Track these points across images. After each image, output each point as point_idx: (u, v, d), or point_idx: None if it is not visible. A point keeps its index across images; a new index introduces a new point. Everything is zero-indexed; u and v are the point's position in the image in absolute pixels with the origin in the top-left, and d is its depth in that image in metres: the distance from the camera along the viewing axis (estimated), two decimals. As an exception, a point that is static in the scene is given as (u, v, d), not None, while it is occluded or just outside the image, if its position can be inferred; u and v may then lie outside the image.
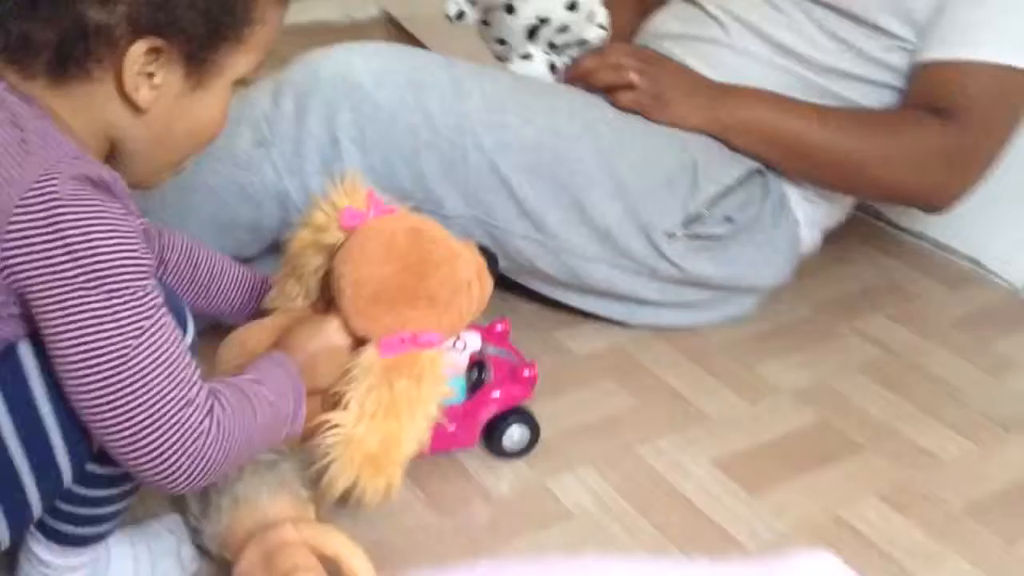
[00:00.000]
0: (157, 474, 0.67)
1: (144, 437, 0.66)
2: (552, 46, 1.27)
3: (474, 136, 1.11)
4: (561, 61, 1.29)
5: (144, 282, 0.67)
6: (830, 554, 0.27)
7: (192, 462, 0.68)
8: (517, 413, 1.04)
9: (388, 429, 0.81)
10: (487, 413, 1.03)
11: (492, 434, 1.04)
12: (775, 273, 1.31)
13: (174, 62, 0.69)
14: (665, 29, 1.37)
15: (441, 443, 0.99)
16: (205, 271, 0.97)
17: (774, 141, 1.24)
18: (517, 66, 1.27)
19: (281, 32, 0.76)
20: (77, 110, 0.69)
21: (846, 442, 1.12)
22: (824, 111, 1.24)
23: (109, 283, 0.65)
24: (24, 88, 0.68)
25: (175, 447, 0.67)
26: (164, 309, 0.68)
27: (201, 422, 0.67)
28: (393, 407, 0.81)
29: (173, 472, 0.67)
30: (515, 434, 1.05)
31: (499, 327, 1.10)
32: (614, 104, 1.23)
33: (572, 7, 1.23)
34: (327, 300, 0.89)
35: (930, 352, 1.31)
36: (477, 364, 1.02)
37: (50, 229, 0.63)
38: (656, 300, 1.27)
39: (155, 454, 0.66)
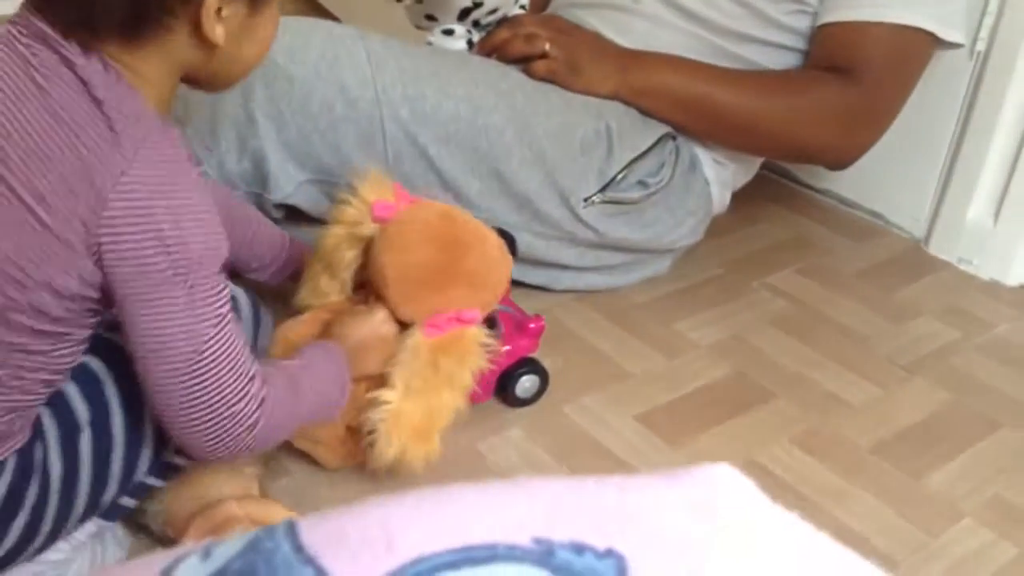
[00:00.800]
0: (205, 451, 0.73)
1: (202, 421, 0.70)
2: (476, 24, 1.29)
3: (391, 108, 1.12)
4: (478, 36, 1.31)
5: (221, 274, 0.70)
6: (727, 465, 0.30)
7: (238, 445, 0.73)
8: (527, 364, 1.09)
9: (431, 402, 0.86)
10: (500, 367, 1.07)
11: (505, 386, 1.08)
12: (689, 233, 1.36)
13: None
14: (576, -3, 1.40)
15: None
16: (241, 221, 0.99)
17: (683, 105, 1.27)
18: (437, 39, 1.28)
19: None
20: (151, 62, 0.69)
21: (759, 391, 1.18)
22: (730, 74, 1.28)
23: (193, 277, 0.67)
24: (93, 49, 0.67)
25: (227, 433, 0.71)
26: (230, 302, 0.71)
27: (253, 413, 0.72)
28: (436, 383, 0.86)
29: (219, 450, 0.73)
30: (527, 383, 1.09)
31: None
32: (528, 74, 1.25)
33: None
34: (366, 291, 0.93)
35: (837, 303, 1.37)
36: (488, 321, 1.05)
37: (144, 219, 0.65)
38: (576, 265, 1.31)
39: (208, 437, 0.71)
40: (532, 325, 1.09)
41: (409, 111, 1.13)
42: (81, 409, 0.75)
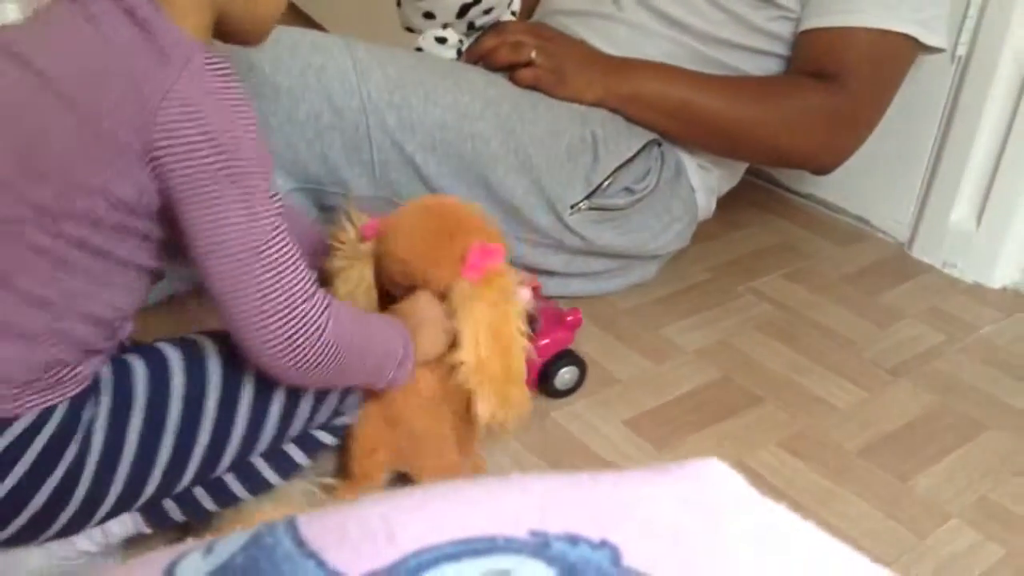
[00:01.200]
0: (277, 358, 0.74)
1: (272, 323, 0.72)
2: (471, 26, 1.30)
3: (377, 116, 1.13)
4: (467, 43, 1.31)
5: (270, 191, 0.73)
6: (716, 460, 0.32)
7: (310, 351, 0.74)
8: (566, 356, 1.13)
9: (502, 344, 0.90)
10: (540, 360, 1.10)
11: (545, 378, 1.12)
12: (675, 239, 1.37)
13: None
14: (561, 5, 1.41)
15: None
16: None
17: (668, 111, 1.28)
18: (428, 45, 1.29)
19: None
20: None
21: (746, 395, 1.18)
22: (715, 80, 1.29)
23: (248, 178, 0.70)
24: None
25: (298, 334, 0.73)
26: (283, 218, 0.74)
27: (320, 314, 0.74)
28: (497, 323, 0.90)
29: (291, 358, 0.74)
30: (566, 375, 1.13)
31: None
32: (515, 82, 1.26)
33: None
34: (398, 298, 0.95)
35: (822, 307, 1.39)
36: (527, 317, 1.07)
37: (196, 121, 0.68)
38: (564, 271, 1.31)
39: (279, 339, 0.73)
40: (569, 318, 1.13)
41: (396, 119, 1.13)
42: (141, 390, 0.77)
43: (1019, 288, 1.46)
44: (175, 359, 0.79)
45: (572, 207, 1.24)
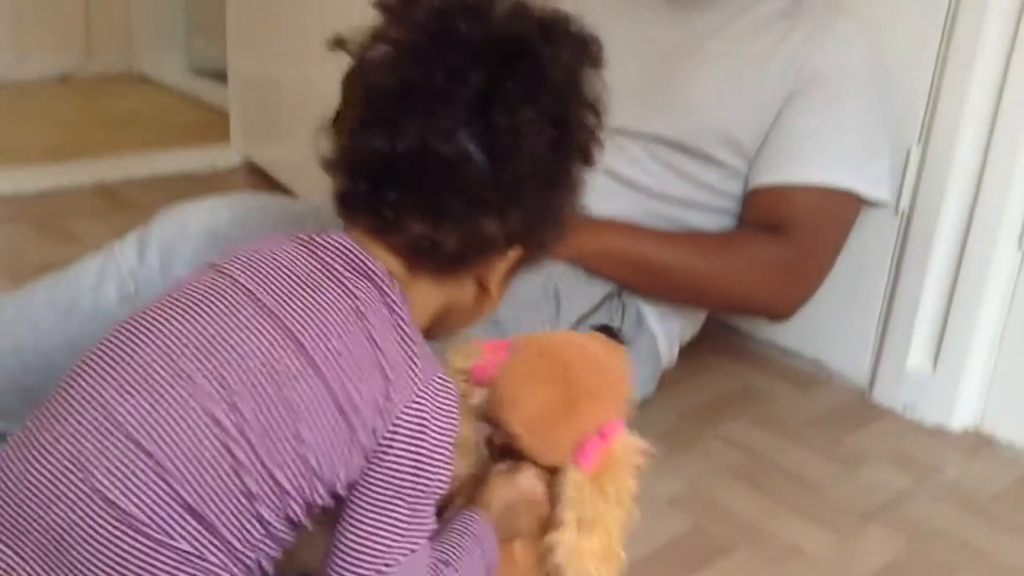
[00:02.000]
0: None
1: None
2: None
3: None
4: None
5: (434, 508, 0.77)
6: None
7: None
8: None
9: (607, 527, 0.87)
10: None
11: None
12: (639, 387, 1.38)
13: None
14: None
15: None
16: None
17: (626, 265, 1.32)
18: None
19: (143, 185, 0.81)
20: (438, 295, 0.80)
21: (719, 544, 1.18)
22: (669, 236, 1.34)
23: (425, 500, 0.75)
24: (402, 277, 0.77)
25: None
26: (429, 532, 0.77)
27: None
28: (607, 508, 0.87)
29: None
30: None
31: None
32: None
33: None
34: (499, 454, 0.92)
35: (788, 452, 1.39)
36: None
37: (416, 442, 0.74)
38: (531, 422, 1.31)
39: None
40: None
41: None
42: None
43: (980, 429, 1.48)
44: None
45: (538, 359, 1.25)
